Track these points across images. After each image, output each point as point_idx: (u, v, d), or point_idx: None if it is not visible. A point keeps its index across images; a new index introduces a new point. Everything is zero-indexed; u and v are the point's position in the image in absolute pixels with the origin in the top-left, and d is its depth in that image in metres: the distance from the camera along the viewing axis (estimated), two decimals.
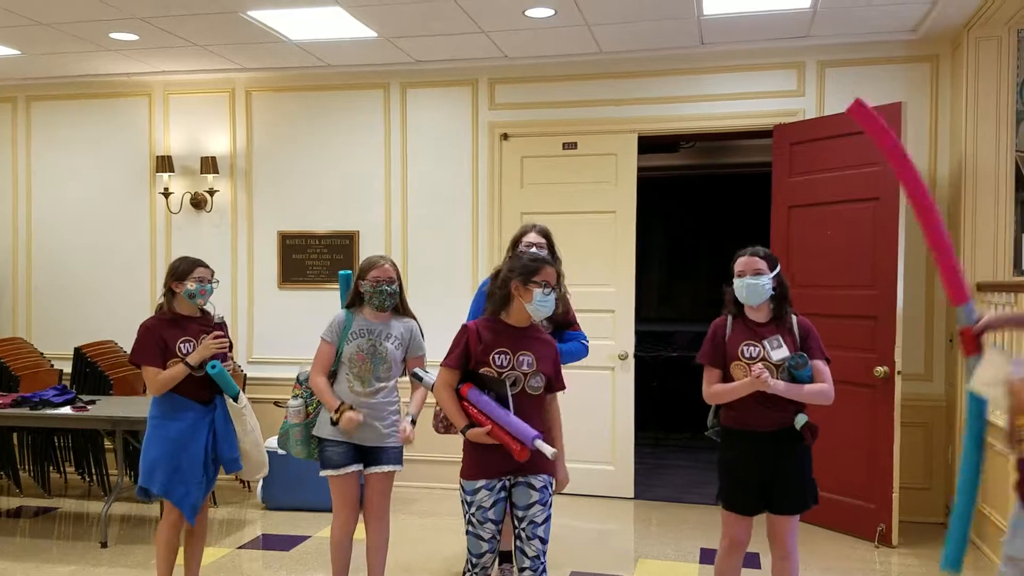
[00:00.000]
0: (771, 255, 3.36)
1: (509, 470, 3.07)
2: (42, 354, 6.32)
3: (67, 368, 6.15)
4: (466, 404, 3.10)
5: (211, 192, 6.32)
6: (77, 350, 6.08)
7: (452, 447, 5.55)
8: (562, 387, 3.25)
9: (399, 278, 3.71)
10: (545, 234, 4.05)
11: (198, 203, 6.39)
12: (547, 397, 3.21)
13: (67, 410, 5.15)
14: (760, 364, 3.23)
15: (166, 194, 6.37)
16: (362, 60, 5.99)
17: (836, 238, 5.06)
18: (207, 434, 3.73)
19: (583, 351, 4.05)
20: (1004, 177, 4.97)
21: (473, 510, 3.08)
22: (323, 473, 3.68)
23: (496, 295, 3.15)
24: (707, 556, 4.76)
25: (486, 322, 3.15)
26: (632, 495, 5.90)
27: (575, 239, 5.82)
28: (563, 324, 4.11)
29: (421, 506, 5.71)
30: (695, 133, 6.13)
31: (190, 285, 3.70)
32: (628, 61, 5.78)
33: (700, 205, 8.38)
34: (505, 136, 6.03)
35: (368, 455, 3.69)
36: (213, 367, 3.67)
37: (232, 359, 3.84)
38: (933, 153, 5.37)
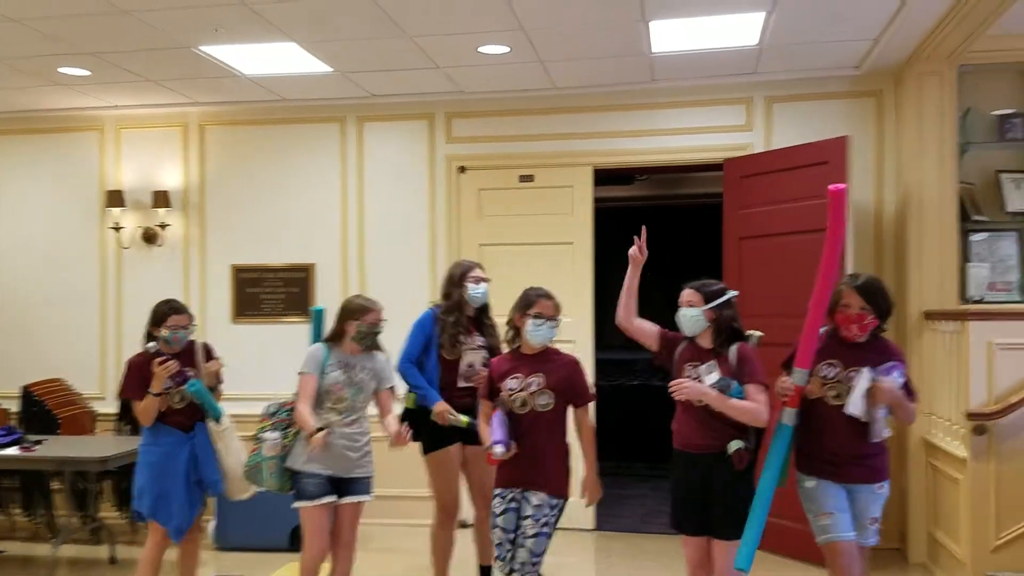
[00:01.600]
0: (712, 290, 3.52)
1: (517, 483, 3.52)
2: None
3: (15, 407, 5.99)
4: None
5: (163, 226, 6.25)
6: (25, 389, 5.94)
7: (410, 482, 5.49)
8: (587, 400, 3.65)
9: None
10: (483, 269, 4.35)
11: (149, 237, 6.32)
12: (578, 412, 3.63)
13: (13, 451, 5.02)
14: (688, 380, 3.44)
15: (117, 229, 6.28)
16: (317, 94, 6.00)
17: (785, 269, 5.15)
18: (187, 459, 3.97)
19: None
20: (948, 208, 5.09)
21: (491, 513, 3.58)
22: (298, 504, 3.80)
23: (510, 331, 3.65)
24: None
25: (507, 354, 3.68)
26: (593, 526, 5.89)
27: (533, 270, 5.83)
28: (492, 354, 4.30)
29: (379, 543, 5.64)
30: (648, 166, 6.22)
31: (164, 332, 3.97)
32: (582, 96, 5.86)
33: (657, 235, 8.46)
34: (462, 169, 6.06)
35: (341, 486, 3.84)
36: (192, 385, 3.91)
37: (196, 375, 4.00)
38: (879, 185, 5.50)
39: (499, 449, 3.43)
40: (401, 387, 4.19)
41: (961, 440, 4.47)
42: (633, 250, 3.71)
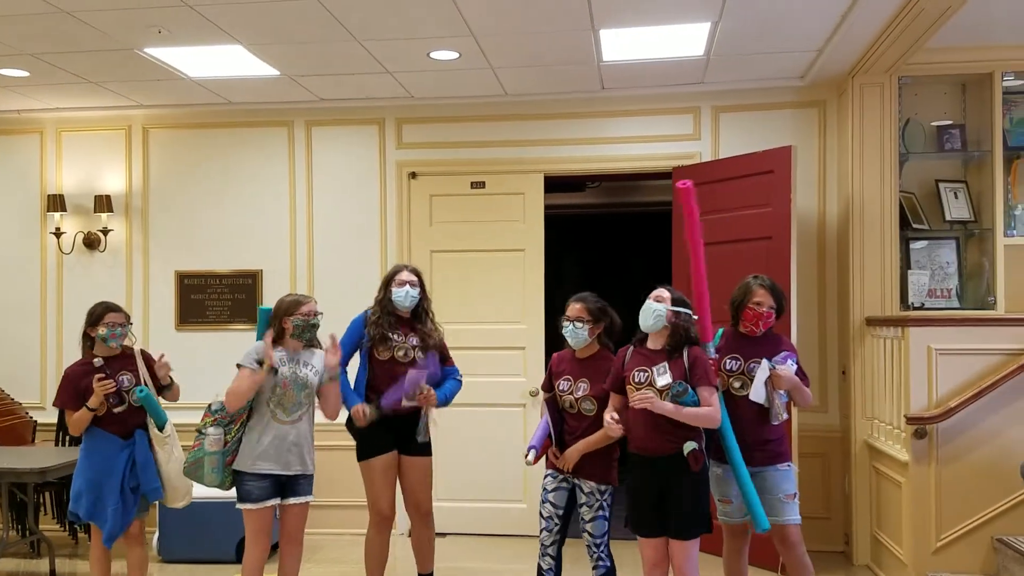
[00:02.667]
0: (682, 298, 3.65)
1: (571, 469, 3.77)
2: None
3: None
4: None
5: (105, 231, 6.11)
6: None
7: (359, 492, 5.43)
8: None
9: None
10: (416, 272, 4.28)
11: (91, 243, 6.17)
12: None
13: None
14: (647, 390, 3.49)
15: (57, 234, 6.12)
16: (265, 98, 5.92)
17: (734, 275, 5.20)
18: (125, 466, 3.97)
19: (459, 386, 4.33)
20: (889, 216, 5.20)
21: (542, 489, 3.87)
22: (242, 506, 3.84)
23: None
24: None
25: (566, 353, 3.92)
26: None
27: (485, 276, 5.86)
28: (442, 360, 4.31)
29: (327, 554, 5.56)
30: (599, 174, 6.26)
31: (102, 330, 3.99)
32: (533, 103, 5.88)
33: (610, 242, 8.57)
34: (413, 175, 6.03)
35: (285, 486, 3.88)
36: (141, 391, 3.97)
37: (138, 384, 4.04)
38: (822, 194, 5.60)
39: (530, 456, 3.84)
40: None
41: (903, 444, 4.57)
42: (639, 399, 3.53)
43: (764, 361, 3.74)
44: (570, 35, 4.73)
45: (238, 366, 3.86)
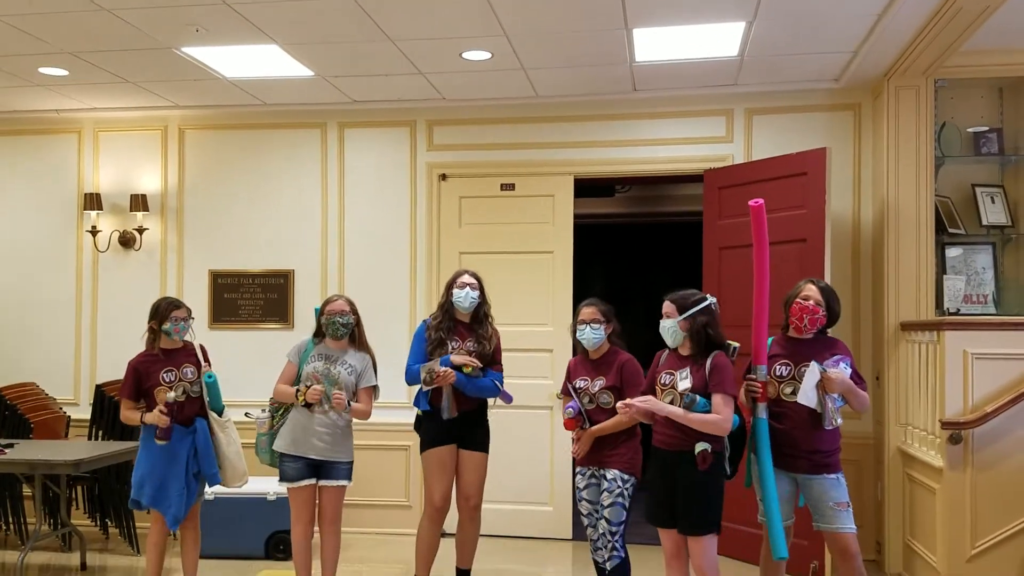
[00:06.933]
0: (685, 301, 3.69)
1: (592, 463, 3.99)
2: None
3: None
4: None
5: (140, 230, 6.19)
6: None
7: (385, 491, 5.48)
8: (633, 393, 3.84)
9: (355, 313, 4.33)
10: (476, 277, 4.47)
11: (127, 241, 6.26)
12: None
13: None
14: (670, 391, 3.64)
15: (94, 232, 6.22)
16: (299, 99, 5.98)
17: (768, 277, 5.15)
18: (188, 452, 4.24)
19: (493, 390, 4.40)
20: (925, 220, 5.14)
21: (575, 489, 4.09)
22: (282, 484, 4.26)
23: (576, 341, 4.09)
24: None
25: (579, 357, 4.13)
26: (570, 536, 5.85)
27: (513, 278, 5.85)
28: (489, 362, 4.43)
29: (355, 552, 5.57)
30: (629, 176, 6.24)
31: (166, 325, 4.27)
32: (564, 105, 5.88)
33: (636, 251, 8.63)
34: (443, 176, 6.05)
35: (321, 470, 4.21)
36: (209, 377, 4.32)
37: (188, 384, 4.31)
38: (857, 197, 5.55)
39: (570, 410, 3.95)
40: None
41: (937, 450, 4.50)
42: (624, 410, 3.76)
43: (813, 364, 3.67)
44: (603, 34, 4.73)
45: (288, 357, 4.35)
